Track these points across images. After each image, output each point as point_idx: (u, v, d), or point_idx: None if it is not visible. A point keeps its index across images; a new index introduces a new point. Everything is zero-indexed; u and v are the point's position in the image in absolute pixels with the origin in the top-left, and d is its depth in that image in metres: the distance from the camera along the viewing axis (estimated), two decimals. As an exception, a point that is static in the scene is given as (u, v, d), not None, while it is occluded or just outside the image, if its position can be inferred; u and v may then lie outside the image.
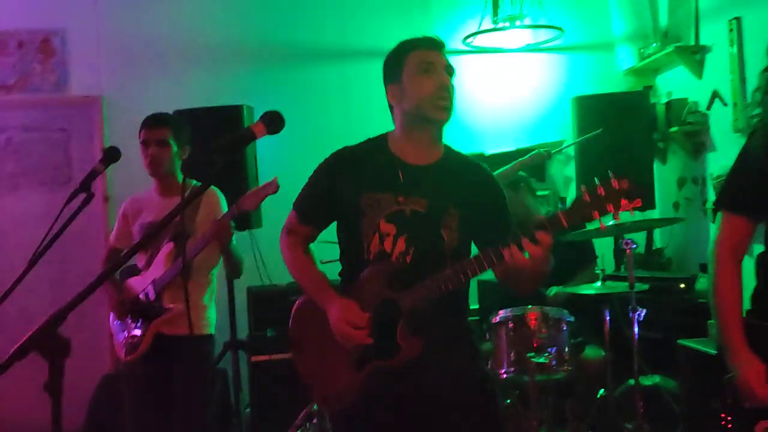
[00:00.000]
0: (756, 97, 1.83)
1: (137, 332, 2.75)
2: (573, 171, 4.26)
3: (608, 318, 3.07)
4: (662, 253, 4.31)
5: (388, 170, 1.85)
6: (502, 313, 2.88)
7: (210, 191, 2.79)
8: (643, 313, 2.94)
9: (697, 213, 4.00)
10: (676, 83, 4.23)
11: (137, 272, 2.85)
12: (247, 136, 1.42)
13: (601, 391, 3.15)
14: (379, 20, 4.43)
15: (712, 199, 3.74)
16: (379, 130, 2.00)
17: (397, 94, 1.86)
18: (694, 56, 3.94)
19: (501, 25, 4.32)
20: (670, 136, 4.17)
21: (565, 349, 2.79)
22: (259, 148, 3.86)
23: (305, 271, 1.93)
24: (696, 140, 4.02)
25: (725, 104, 3.73)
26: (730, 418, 2.90)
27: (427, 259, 1.78)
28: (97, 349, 4.04)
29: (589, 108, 4.09)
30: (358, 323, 1.76)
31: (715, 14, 3.78)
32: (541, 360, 2.68)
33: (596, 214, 1.55)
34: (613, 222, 3.28)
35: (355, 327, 1.76)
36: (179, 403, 2.73)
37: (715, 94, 3.82)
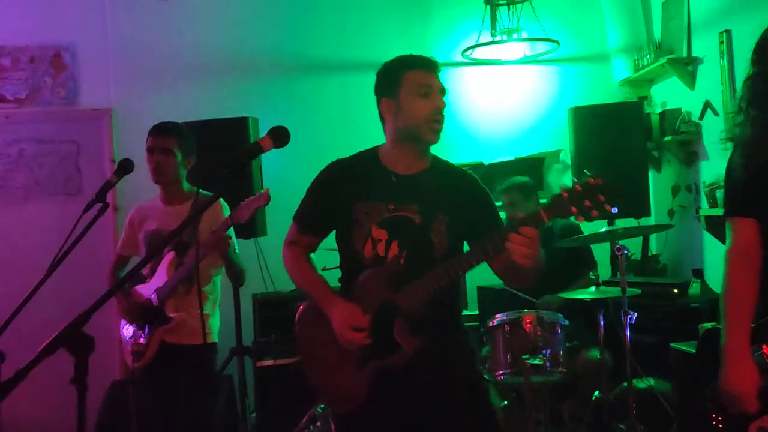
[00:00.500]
0: (740, 105, 1.87)
1: (143, 340, 2.81)
2: (570, 179, 4.36)
3: (602, 322, 3.15)
4: (658, 260, 4.39)
5: (379, 180, 1.97)
6: (499, 317, 2.97)
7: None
8: (634, 317, 3.02)
9: (691, 220, 4.09)
10: (669, 94, 4.33)
11: (143, 280, 2.90)
12: (255, 149, 1.53)
13: (596, 393, 3.23)
14: (380, 34, 4.54)
15: (705, 206, 3.83)
16: (377, 139, 2.10)
17: (393, 110, 1.95)
18: (687, 68, 4.04)
19: (499, 38, 4.43)
20: (665, 145, 4.27)
21: (560, 351, 2.88)
22: (264, 157, 3.91)
23: (307, 277, 2.05)
24: (689, 149, 4.12)
25: (717, 114, 3.83)
26: (721, 418, 2.98)
27: (420, 261, 1.88)
28: (106, 355, 4.12)
29: (586, 118, 4.18)
30: (359, 326, 1.87)
31: (706, 27, 3.89)
32: (536, 361, 2.76)
33: (574, 209, 1.63)
34: (607, 228, 3.39)
35: (356, 329, 1.87)
36: (183, 411, 2.77)
37: (707, 105, 3.92)
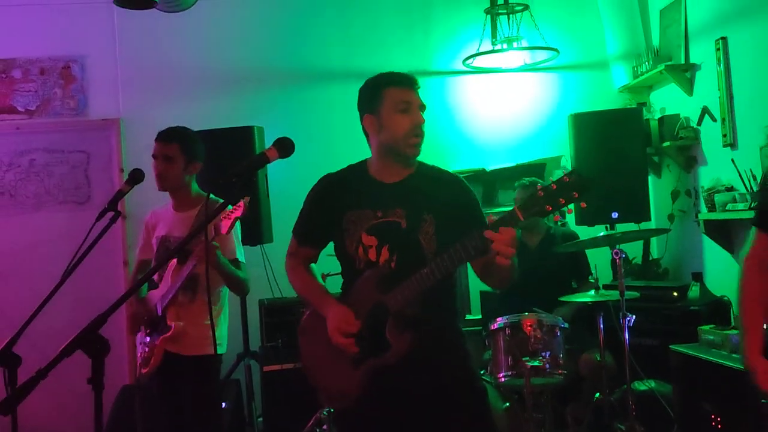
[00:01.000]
0: None
1: (148, 348, 2.85)
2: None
3: (602, 325, 3.21)
4: (659, 264, 4.44)
5: (368, 190, 2.06)
6: (500, 320, 3.03)
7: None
8: (632, 319, 3.08)
9: (691, 224, 4.14)
10: (668, 100, 4.39)
11: (156, 285, 2.94)
12: (262, 160, 1.60)
13: (597, 395, 3.28)
14: (382, 43, 4.62)
15: (704, 210, 3.89)
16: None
17: (375, 126, 2.03)
18: (685, 74, 4.11)
19: (499, 46, 4.50)
20: (664, 151, 4.33)
21: (560, 353, 2.93)
22: (269, 165, 4.00)
23: (305, 283, 2.15)
24: (688, 154, 4.18)
25: (714, 120, 3.89)
26: (719, 419, 3.04)
27: (410, 263, 1.95)
28: (116, 359, 4.20)
29: (586, 124, 4.24)
30: (349, 331, 1.95)
31: (703, 34, 3.95)
32: (536, 363, 2.82)
33: (549, 207, 1.69)
34: (605, 233, 3.44)
35: (346, 334, 1.95)
36: (186, 421, 2.79)
37: (705, 110, 3.98)
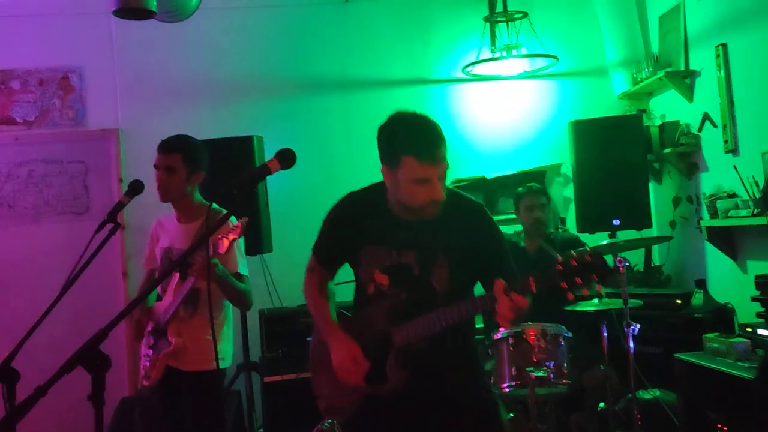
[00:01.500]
0: None
1: (149, 361, 2.82)
2: (572, 192, 4.40)
3: (606, 334, 3.18)
4: (661, 271, 4.42)
5: (384, 225, 1.99)
6: (503, 330, 3.00)
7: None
8: (637, 328, 3.05)
9: (693, 231, 4.12)
10: (668, 106, 4.38)
11: (160, 297, 2.91)
12: (263, 172, 1.58)
13: (602, 404, 3.26)
14: (382, 52, 4.63)
15: (706, 217, 3.87)
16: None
17: (391, 180, 1.92)
18: (685, 80, 4.10)
19: (498, 54, 4.50)
20: (665, 157, 4.32)
21: (564, 363, 2.90)
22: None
23: (317, 307, 2.14)
24: (689, 161, 4.17)
25: (715, 126, 3.88)
26: (726, 429, 3.01)
27: (422, 304, 1.93)
28: (115, 372, 4.15)
29: (586, 131, 4.24)
30: (356, 371, 1.94)
31: (703, 40, 3.95)
32: (540, 374, 2.79)
33: (564, 284, 1.63)
34: (608, 241, 3.42)
35: (354, 371, 1.95)
36: None
37: (706, 117, 3.97)
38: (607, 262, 1.61)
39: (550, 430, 3.08)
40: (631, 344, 3.06)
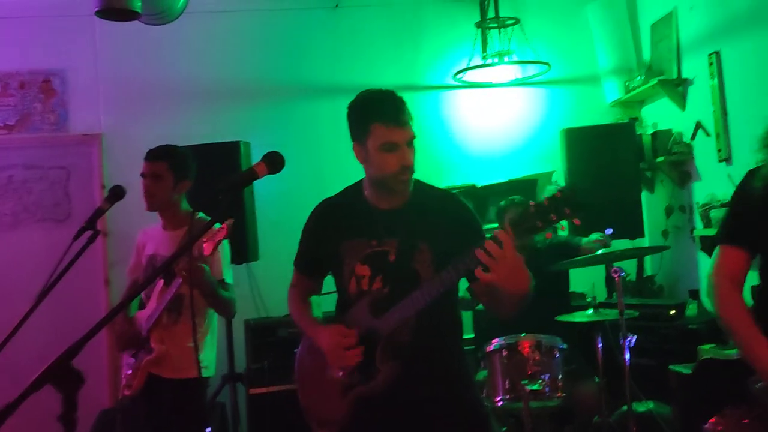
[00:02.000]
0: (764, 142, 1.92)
1: (131, 369, 2.77)
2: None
3: (600, 345, 3.12)
4: (653, 280, 4.38)
5: (363, 217, 2.00)
6: (496, 341, 2.93)
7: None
8: (633, 340, 2.99)
9: (686, 240, 4.09)
10: (660, 114, 4.35)
11: (144, 305, 2.87)
12: (250, 176, 1.51)
13: (596, 417, 3.19)
14: (372, 57, 4.56)
15: (699, 226, 3.83)
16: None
17: (363, 156, 1.97)
18: (677, 89, 4.07)
19: (490, 61, 4.46)
20: (657, 166, 4.28)
21: (559, 376, 2.84)
22: (256, 181, 3.94)
23: (299, 313, 2.11)
24: (682, 170, 4.13)
25: (708, 135, 3.85)
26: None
27: (405, 291, 1.88)
28: (93, 383, 4.04)
29: (578, 139, 4.20)
30: (348, 344, 1.88)
31: (696, 48, 3.92)
32: (535, 387, 2.73)
33: (540, 223, 1.64)
34: (603, 250, 3.37)
35: (347, 348, 1.88)
36: None
37: (698, 125, 3.94)
38: (577, 194, 1.62)
39: (543, 444, 3.01)
40: (627, 356, 2.99)
